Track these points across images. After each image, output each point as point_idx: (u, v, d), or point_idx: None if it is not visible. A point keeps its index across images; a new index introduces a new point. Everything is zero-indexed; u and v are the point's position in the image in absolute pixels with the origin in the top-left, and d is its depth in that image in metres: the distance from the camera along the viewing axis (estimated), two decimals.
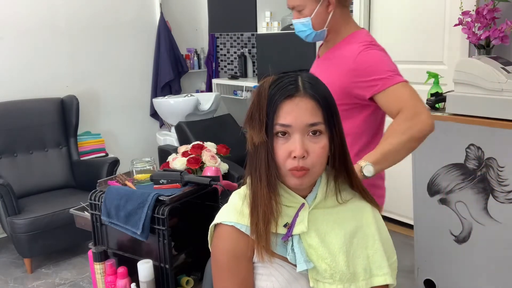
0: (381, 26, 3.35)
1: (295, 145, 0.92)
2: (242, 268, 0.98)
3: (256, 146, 0.95)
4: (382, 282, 1.01)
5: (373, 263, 1.02)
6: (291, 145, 0.93)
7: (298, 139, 0.92)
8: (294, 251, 0.97)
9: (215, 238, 1.01)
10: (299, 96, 0.93)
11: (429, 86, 2.31)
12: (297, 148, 0.91)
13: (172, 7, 4.40)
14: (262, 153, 0.94)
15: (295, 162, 0.92)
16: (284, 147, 0.93)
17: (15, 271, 3.03)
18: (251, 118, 0.95)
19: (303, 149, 0.92)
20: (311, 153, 0.93)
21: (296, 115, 0.92)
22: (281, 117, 0.93)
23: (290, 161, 0.93)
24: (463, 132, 1.99)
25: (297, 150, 0.91)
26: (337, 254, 0.98)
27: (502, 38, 2.29)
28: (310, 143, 0.93)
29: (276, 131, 0.93)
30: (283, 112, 0.93)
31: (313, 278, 0.96)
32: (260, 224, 0.95)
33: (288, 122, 0.92)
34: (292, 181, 0.96)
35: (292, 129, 0.93)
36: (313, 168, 0.94)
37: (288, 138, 0.93)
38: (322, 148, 0.94)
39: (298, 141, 0.92)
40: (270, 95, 0.94)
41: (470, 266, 2.10)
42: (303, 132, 0.93)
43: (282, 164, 0.94)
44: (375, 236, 1.03)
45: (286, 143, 0.93)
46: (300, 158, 0.92)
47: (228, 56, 4.65)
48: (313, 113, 0.94)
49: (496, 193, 1.95)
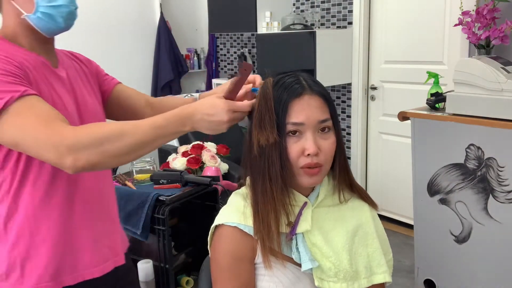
0: (381, 26, 3.36)
1: (308, 142, 0.93)
2: (244, 270, 0.97)
3: (264, 147, 0.95)
4: (382, 280, 1.02)
5: (373, 261, 1.02)
6: (304, 143, 0.93)
7: (311, 137, 0.93)
8: (298, 250, 0.97)
9: (215, 239, 1.00)
10: (307, 94, 0.95)
11: (429, 86, 2.31)
12: (311, 146, 0.92)
13: (172, 7, 4.40)
14: (274, 154, 0.94)
15: (308, 159, 0.93)
16: (296, 146, 0.94)
17: None
18: (261, 120, 0.94)
19: (316, 146, 0.93)
20: (323, 150, 0.94)
21: (307, 113, 0.93)
22: (293, 116, 0.93)
23: (303, 158, 0.94)
24: (463, 132, 1.99)
25: (311, 148, 0.92)
26: (341, 252, 0.98)
27: (502, 38, 2.29)
28: (321, 140, 0.95)
29: (288, 130, 0.94)
30: (294, 111, 0.93)
31: (318, 277, 0.96)
32: (272, 225, 0.94)
33: (300, 120, 0.93)
34: (305, 180, 0.96)
35: (304, 127, 0.94)
36: (325, 164, 0.96)
37: (299, 137, 0.94)
38: (332, 144, 0.96)
39: (311, 138, 0.93)
40: (277, 96, 0.95)
41: (470, 266, 2.10)
42: (314, 129, 0.94)
43: (294, 162, 0.94)
44: (373, 234, 1.04)
45: (298, 142, 0.94)
46: (314, 155, 0.93)
47: (228, 56, 4.65)
48: (322, 110, 0.95)
49: (496, 193, 1.95)
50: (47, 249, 1.06)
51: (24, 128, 0.91)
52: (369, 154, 3.62)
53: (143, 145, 0.96)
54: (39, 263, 1.05)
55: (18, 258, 1.05)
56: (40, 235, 1.05)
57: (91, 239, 1.13)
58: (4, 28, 1.07)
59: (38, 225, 1.05)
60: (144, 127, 0.95)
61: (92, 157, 0.91)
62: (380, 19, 3.35)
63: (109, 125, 0.95)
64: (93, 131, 0.93)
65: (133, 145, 0.94)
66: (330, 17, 3.63)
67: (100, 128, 0.95)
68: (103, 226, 1.17)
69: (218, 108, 0.94)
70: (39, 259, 1.05)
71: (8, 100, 0.90)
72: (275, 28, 3.68)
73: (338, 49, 3.41)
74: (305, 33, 3.31)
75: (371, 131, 3.59)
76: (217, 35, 4.66)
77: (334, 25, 3.62)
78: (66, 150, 0.89)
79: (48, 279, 1.06)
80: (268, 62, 3.59)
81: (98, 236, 1.15)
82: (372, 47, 3.45)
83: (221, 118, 0.94)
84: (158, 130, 0.95)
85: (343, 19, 3.54)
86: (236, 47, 4.54)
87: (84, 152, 0.90)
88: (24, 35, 1.06)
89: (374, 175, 3.59)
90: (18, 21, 1.05)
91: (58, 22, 1.05)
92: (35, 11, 1.02)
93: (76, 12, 1.08)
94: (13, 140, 0.92)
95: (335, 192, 1.04)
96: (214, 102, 0.95)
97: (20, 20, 1.04)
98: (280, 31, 3.56)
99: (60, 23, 1.05)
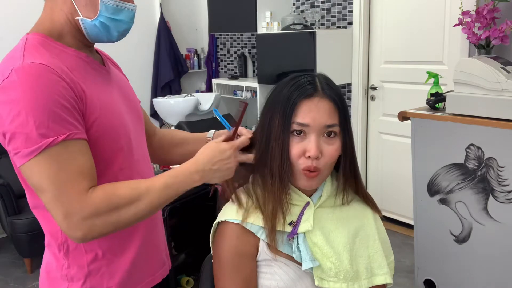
0: (381, 26, 3.36)
1: (310, 145, 0.93)
2: (246, 266, 0.97)
3: (268, 142, 0.96)
4: (383, 282, 1.02)
5: (373, 262, 1.03)
6: (306, 145, 0.93)
7: (314, 140, 0.93)
8: (299, 249, 0.97)
9: (218, 236, 1.01)
10: (318, 96, 0.94)
11: (429, 86, 2.31)
12: (313, 148, 0.92)
13: (172, 7, 4.40)
14: (276, 150, 0.94)
15: (308, 161, 0.93)
16: (298, 146, 0.94)
17: (15, 271, 3.03)
18: (273, 108, 0.96)
19: (319, 149, 0.93)
20: (324, 154, 0.94)
21: (314, 115, 0.93)
22: (300, 116, 0.93)
23: (303, 159, 0.94)
24: (463, 132, 1.99)
25: (313, 151, 0.92)
26: (342, 252, 0.98)
27: (502, 38, 2.29)
28: (324, 144, 0.94)
29: (292, 129, 0.94)
30: (302, 111, 0.93)
31: (318, 276, 0.97)
32: (272, 221, 0.95)
33: (306, 121, 0.93)
34: (302, 182, 0.96)
35: (309, 129, 0.93)
36: (324, 170, 0.95)
37: (303, 137, 0.94)
38: (335, 150, 0.95)
39: (314, 141, 0.93)
40: (288, 93, 0.95)
41: (470, 266, 2.10)
42: (319, 133, 0.94)
43: (294, 162, 0.94)
44: (375, 236, 1.04)
45: (301, 142, 0.94)
46: (314, 158, 0.93)
47: (228, 56, 4.65)
48: (331, 115, 0.94)
49: (496, 193, 1.95)
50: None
51: (52, 180, 0.86)
52: (369, 154, 3.62)
53: (155, 209, 0.95)
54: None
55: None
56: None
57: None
58: (50, 23, 1.01)
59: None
60: (156, 188, 0.93)
61: (106, 227, 0.90)
62: (380, 19, 3.35)
63: (124, 189, 0.92)
64: (109, 197, 0.90)
65: (147, 210, 0.93)
66: (330, 17, 3.63)
67: (119, 193, 0.91)
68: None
69: (221, 153, 0.97)
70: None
71: (51, 143, 0.86)
72: (275, 28, 3.68)
73: (338, 49, 3.41)
74: (305, 33, 3.31)
75: (371, 131, 3.59)
76: (217, 35, 4.66)
77: (334, 25, 3.62)
78: (81, 221, 0.87)
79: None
80: (268, 62, 3.59)
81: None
82: (372, 47, 3.45)
83: (227, 162, 0.97)
84: (169, 190, 0.95)
85: (343, 19, 3.54)
86: (236, 47, 4.54)
87: (98, 224, 0.88)
88: (72, 35, 1.00)
89: (374, 175, 3.59)
90: (69, 20, 0.99)
91: (112, 35, 1.02)
92: (95, 18, 0.98)
93: (129, 30, 1.05)
94: (39, 185, 0.88)
95: (339, 194, 1.04)
96: (215, 149, 0.98)
97: (72, 19, 0.99)
98: (280, 31, 3.56)
99: (114, 36, 1.02)
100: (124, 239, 1.05)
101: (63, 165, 0.87)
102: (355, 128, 3.59)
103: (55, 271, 1.04)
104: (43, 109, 0.85)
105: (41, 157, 0.86)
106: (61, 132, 0.87)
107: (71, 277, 1.02)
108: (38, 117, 0.84)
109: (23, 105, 0.84)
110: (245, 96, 4.13)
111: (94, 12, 0.98)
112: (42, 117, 0.85)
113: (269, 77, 3.62)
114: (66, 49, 0.99)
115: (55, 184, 0.86)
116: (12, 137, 0.86)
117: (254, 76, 4.31)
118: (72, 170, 0.88)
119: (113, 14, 0.99)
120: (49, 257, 1.06)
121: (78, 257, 1.01)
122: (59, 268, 1.03)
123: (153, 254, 1.14)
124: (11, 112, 0.85)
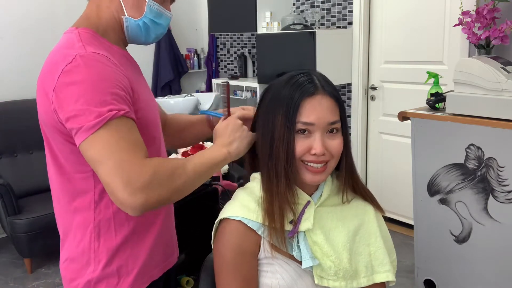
0: (381, 26, 3.36)
1: (316, 142, 0.94)
2: (247, 264, 0.98)
3: (271, 142, 0.96)
4: (385, 279, 1.02)
5: (375, 260, 1.03)
6: (312, 143, 0.94)
7: (319, 137, 0.94)
8: (299, 248, 0.97)
9: (219, 233, 1.01)
10: (319, 94, 0.95)
11: (429, 86, 2.31)
12: (318, 146, 0.93)
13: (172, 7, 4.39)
14: (281, 149, 0.95)
15: (313, 157, 0.95)
16: (303, 144, 0.95)
17: (15, 271, 3.03)
18: (274, 109, 0.97)
19: (324, 147, 0.94)
20: (330, 149, 0.95)
21: (318, 114, 0.94)
22: (304, 115, 0.94)
23: (308, 155, 0.95)
24: (463, 132, 1.99)
25: (318, 148, 0.93)
26: (341, 251, 0.98)
27: (502, 38, 2.29)
28: (328, 140, 0.96)
29: (297, 128, 0.94)
30: (306, 110, 0.94)
31: (318, 275, 0.97)
32: (276, 221, 0.95)
33: (311, 120, 0.94)
34: (308, 177, 0.97)
35: (314, 128, 0.94)
36: (331, 161, 0.97)
37: (308, 136, 0.95)
38: (339, 144, 0.97)
39: (319, 139, 0.94)
40: (289, 93, 0.95)
41: (470, 266, 2.10)
42: (323, 130, 0.95)
43: (298, 157, 0.95)
44: (376, 234, 1.05)
45: (306, 140, 0.95)
46: (320, 155, 0.94)
47: (228, 56, 4.65)
48: (333, 112, 0.96)
49: (496, 193, 1.95)
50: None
51: (114, 148, 0.89)
52: (369, 154, 3.62)
53: (198, 178, 0.99)
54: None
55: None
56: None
57: None
58: (96, 19, 1.05)
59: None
60: (195, 158, 1.00)
61: (163, 193, 0.91)
62: (380, 19, 3.35)
63: (171, 160, 0.98)
64: (163, 164, 0.94)
65: (193, 178, 0.97)
66: (330, 17, 3.63)
67: (168, 162, 0.96)
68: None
69: (233, 125, 1.05)
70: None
71: (114, 115, 0.90)
72: (275, 28, 3.68)
73: (338, 49, 3.41)
74: (305, 33, 3.31)
75: (371, 131, 3.59)
76: (217, 35, 4.66)
77: (334, 25, 3.62)
78: (142, 186, 0.88)
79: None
80: (268, 62, 3.59)
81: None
82: (372, 47, 3.45)
83: (242, 130, 1.05)
84: (203, 159, 1.01)
85: (343, 19, 3.54)
86: (236, 47, 4.54)
87: (157, 189, 0.90)
88: (115, 32, 1.07)
89: (374, 175, 3.59)
90: (114, 18, 1.05)
91: (150, 37, 1.09)
92: (139, 19, 1.05)
93: (163, 35, 1.13)
94: (99, 157, 0.89)
95: (339, 192, 1.05)
96: (224, 126, 1.07)
97: (118, 17, 1.05)
98: (280, 31, 3.56)
99: (150, 38, 1.10)
100: (148, 222, 1.09)
101: (123, 135, 0.91)
102: (355, 128, 3.59)
103: (81, 256, 1.06)
104: (106, 89, 0.91)
105: (103, 130, 0.89)
106: (122, 108, 0.92)
107: (99, 259, 1.05)
108: (101, 94, 0.90)
109: (88, 84, 0.90)
110: (245, 96, 4.13)
111: (140, 12, 1.05)
112: (105, 95, 0.90)
113: (269, 77, 3.62)
114: (112, 45, 1.05)
115: (117, 152, 0.89)
116: (77, 115, 0.90)
117: (254, 76, 4.31)
118: (131, 140, 0.92)
119: (155, 17, 1.07)
120: (73, 245, 1.07)
121: (108, 240, 1.04)
122: (86, 252, 1.05)
123: (169, 239, 1.20)
124: (76, 91, 0.90)
